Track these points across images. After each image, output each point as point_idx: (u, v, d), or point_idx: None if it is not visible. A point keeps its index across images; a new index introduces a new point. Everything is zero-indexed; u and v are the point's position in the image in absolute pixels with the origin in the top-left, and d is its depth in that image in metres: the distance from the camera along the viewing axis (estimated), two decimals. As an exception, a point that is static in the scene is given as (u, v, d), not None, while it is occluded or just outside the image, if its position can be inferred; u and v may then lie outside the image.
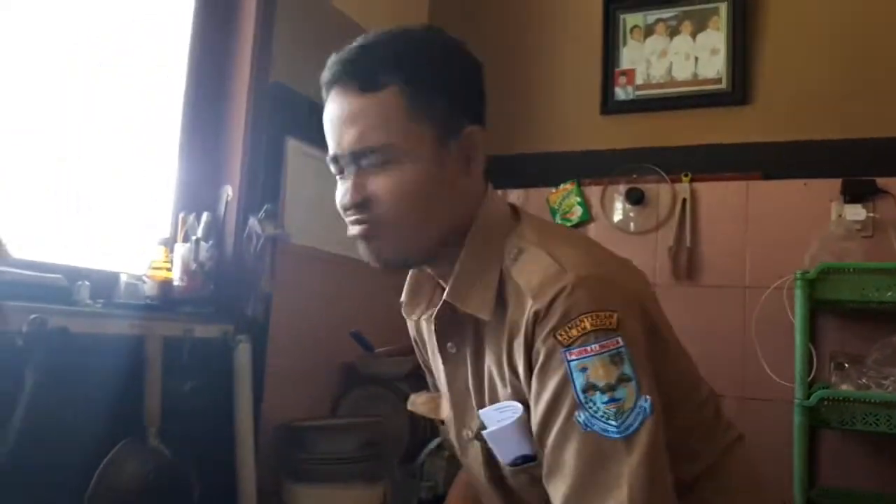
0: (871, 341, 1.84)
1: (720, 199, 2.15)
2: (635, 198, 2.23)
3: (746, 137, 2.15)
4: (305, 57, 1.83)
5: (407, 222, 0.88)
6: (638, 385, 0.78)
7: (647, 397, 0.78)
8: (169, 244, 1.56)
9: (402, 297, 1.05)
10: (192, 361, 1.47)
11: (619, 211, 2.27)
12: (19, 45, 1.37)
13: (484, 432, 0.91)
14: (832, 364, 1.90)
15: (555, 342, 0.80)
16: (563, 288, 0.81)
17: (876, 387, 1.75)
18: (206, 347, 1.51)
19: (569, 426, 0.79)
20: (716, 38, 2.21)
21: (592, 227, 2.29)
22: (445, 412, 1.03)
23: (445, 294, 0.91)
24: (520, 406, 0.86)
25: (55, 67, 1.44)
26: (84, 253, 1.47)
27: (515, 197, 2.36)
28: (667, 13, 2.28)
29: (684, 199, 2.18)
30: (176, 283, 1.53)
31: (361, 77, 0.86)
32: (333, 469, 1.59)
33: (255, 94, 1.72)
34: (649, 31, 2.30)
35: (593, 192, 2.31)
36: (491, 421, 0.90)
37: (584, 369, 0.78)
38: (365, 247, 0.91)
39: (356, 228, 0.90)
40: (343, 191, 0.90)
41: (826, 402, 1.75)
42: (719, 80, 2.19)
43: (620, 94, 2.31)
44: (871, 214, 1.96)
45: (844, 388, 1.78)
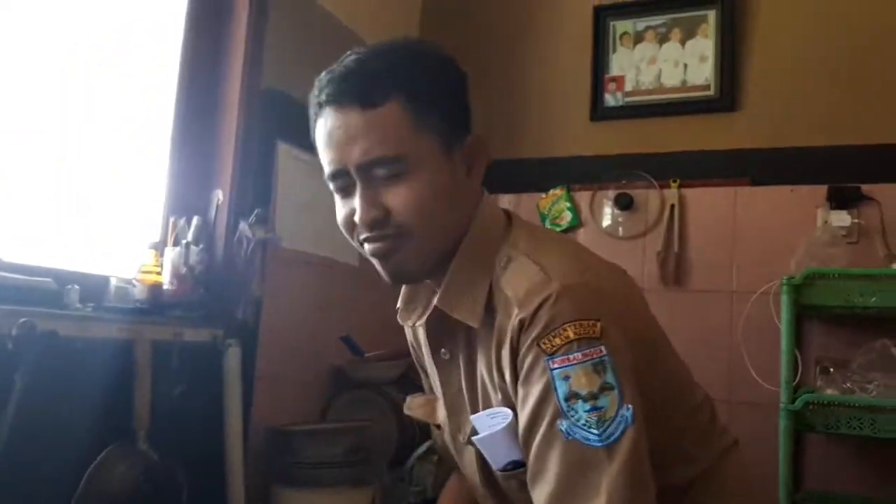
0: (856, 346, 1.86)
1: (708, 204, 2.17)
2: (624, 203, 2.25)
3: (734, 144, 2.17)
4: (297, 62, 1.83)
5: (428, 232, 0.88)
6: (621, 394, 0.78)
7: (630, 406, 0.78)
8: (159, 248, 1.56)
9: (399, 304, 1.06)
10: (182, 365, 1.47)
11: (608, 216, 2.29)
12: (19, 45, 1.37)
13: (475, 438, 0.92)
14: (817, 368, 1.92)
15: (539, 350, 0.80)
16: (548, 297, 0.81)
17: (860, 391, 1.77)
18: (196, 351, 1.51)
19: (551, 434, 0.79)
20: (704, 45, 2.23)
21: (582, 232, 2.31)
22: (441, 416, 1.03)
23: (436, 300, 0.92)
24: (510, 412, 0.87)
25: (49, 68, 1.43)
26: (74, 256, 1.47)
27: (507, 202, 2.37)
28: (656, 20, 2.30)
29: (672, 205, 2.20)
30: (166, 286, 1.53)
31: (361, 94, 0.85)
32: (322, 473, 1.59)
33: (246, 99, 1.72)
34: (639, 38, 2.32)
35: (583, 197, 2.32)
36: (483, 426, 0.91)
37: (566, 378, 0.79)
38: (385, 264, 0.90)
39: (375, 246, 0.89)
40: (350, 209, 0.88)
41: (811, 406, 1.77)
42: (708, 87, 2.21)
43: (610, 100, 2.33)
44: (857, 221, 1.98)
45: (829, 392, 1.80)
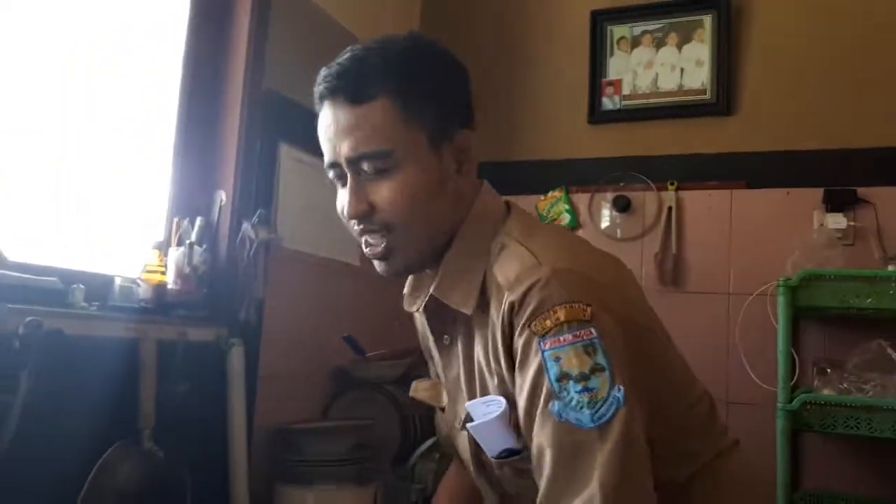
0: (852, 347, 1.88)
1: (705, 207, 2.19)
2: (622, 205, 2.27)
3: (731, 147, 2.19)
4: (299, 64, 1.85)
5: (413, 227, 0.91)
6: (612, 375, 0.79)
7: (621, 387, 0.78)
8: (163, 248, 1.57)
9: (405, 290, 1.09)
10: (186, 364, 1.48)
11: (606, 218, 2.31)
12: (22, 45, 1.38)
13: (469, 425, 0.93)
14: (814, 369, 1.94)
15: (530, 333, 0.82)
16: (538, 280, 0.83)
17: (856, 391, 1.78)
18: (200, 351, 1.53)
19: (545, 417, 0.80)
20: (701, 50, 2.26)
21: (580, 233, 2.32)
22: (445, 400, 1.05)
23: (432, 288, 0.94)
24: (503, 401, 0.88)
25: (53, 68, 1.44)
26: (79, 256, 1.48)
27: (505, 204, 2.38)
28: (653, 25, 2.32)
29: (670, 207, 2.22)
30: (170, 286, 1.54)
31: (351, 89, 0.88)
32: (325, 471, 1.60)
33: (248, 100, 1.74)
34: (636, 43, 2.34)
35: (581, 199, 2.34)
36: (478, 414, 0.92)
37: (557, 359, 0.80)
38: (385, 265, 0.94)
39: (371, 249, 0.93)
40: (344, 199, 0.92)
41: (808, 407, 1.79)
42: (704, 91, 2.24)
43: (608, 103, 2.35)
44: (852, 223, 2.00)
45: (826, 392, 1.82)
